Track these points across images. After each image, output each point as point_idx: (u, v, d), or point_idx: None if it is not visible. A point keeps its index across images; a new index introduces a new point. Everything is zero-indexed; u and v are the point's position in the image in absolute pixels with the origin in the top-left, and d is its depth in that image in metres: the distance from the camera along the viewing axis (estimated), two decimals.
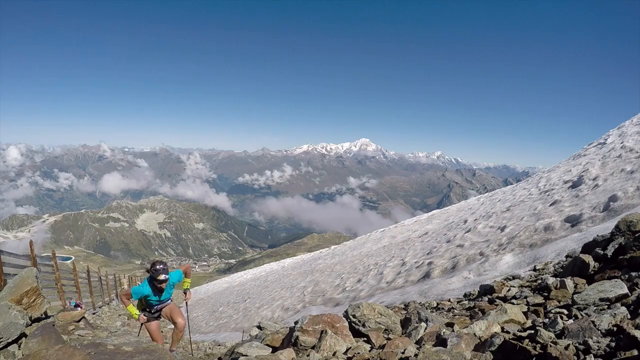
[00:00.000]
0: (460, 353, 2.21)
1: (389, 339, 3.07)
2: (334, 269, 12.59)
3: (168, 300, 4.70)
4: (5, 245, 11.64)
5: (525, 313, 2.92)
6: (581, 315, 2.44)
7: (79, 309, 7.89)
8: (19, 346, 3.96)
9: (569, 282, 3.16)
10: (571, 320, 2.38)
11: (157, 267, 4.28)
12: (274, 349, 3.45)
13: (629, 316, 2.21)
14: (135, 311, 4.47)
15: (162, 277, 4.26)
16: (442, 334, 2.64)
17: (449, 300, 4.55)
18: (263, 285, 17.17)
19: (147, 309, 4.57)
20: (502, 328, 2.59)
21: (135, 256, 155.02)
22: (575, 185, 8.64)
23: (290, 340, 3.16)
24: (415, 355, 2.37)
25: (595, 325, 2.12)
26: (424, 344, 2.64)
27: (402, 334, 3.26)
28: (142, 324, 4.54)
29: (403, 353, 2.48)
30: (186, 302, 4.90)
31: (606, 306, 2.49)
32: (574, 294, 2.91)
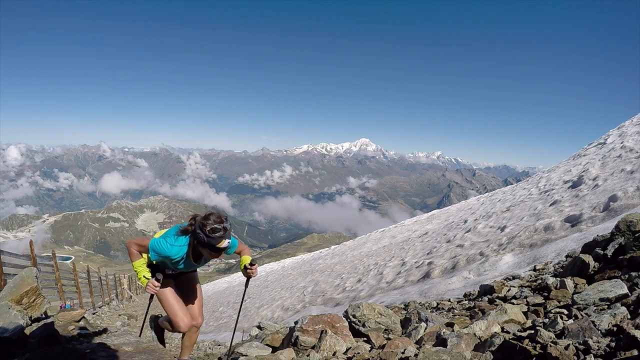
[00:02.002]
0: (460, 353, 2.21)
1: (389, 339, 3.07)
2: (334, 269, 12.58)
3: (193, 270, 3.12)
4: (5, 245, 11.63)
5: (525, 313, 2.91)
6: (581, 315, 2.44)
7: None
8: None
9: (569, 282, 3.15)
10: (571, 320, 2.38)
11: (217, 226, 2.48)
12: (274, 349, 3.45)
13: (629, 316, 2.21)
14: (145, 272, 2.78)
15: (224, 243, 2.52)
16: (442, 334, 2.64)
17: (449, 300, 4.55)
18: (263, 285, 17.17)
19: (157, 273, 2.83)
20: (502, 328, 2.58)
21: None
22: (575, 185, 8.64)
23: (290, 340, 3.16)
24: (415, 355, 2.37)
25: (595, 325, 2.12)
26: (424, 344, 2.64)
27: (402, 334, 3.26)
28: (151, 296, 2.90)
29: (403, 353, 2.48)
30: (248, 278, 3.01)
31: (606, 306, 2.49)
32: (574, 294, 2.91)
